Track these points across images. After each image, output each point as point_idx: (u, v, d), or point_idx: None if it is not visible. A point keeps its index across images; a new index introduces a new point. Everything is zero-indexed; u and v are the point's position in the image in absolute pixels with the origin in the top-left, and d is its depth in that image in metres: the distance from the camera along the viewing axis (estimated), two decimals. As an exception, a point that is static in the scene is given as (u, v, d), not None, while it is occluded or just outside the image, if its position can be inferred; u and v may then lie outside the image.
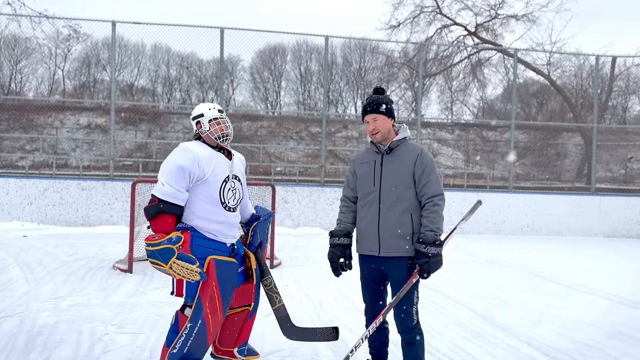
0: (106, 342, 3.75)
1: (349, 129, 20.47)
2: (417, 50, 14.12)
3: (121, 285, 5.45)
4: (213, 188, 2.84)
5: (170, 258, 2.57)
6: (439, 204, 2.84)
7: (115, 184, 9.95)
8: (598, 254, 8.95)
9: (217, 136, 2.90)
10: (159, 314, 4.47)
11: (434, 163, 2.94)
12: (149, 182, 6.80)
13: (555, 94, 20.29)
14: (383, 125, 2.95)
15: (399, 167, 2.91)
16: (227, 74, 23.33)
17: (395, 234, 2.86)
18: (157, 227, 2.72)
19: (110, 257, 6.93)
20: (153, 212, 2.73)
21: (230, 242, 2.94)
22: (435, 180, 2.88)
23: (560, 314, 4.93)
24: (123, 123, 18.63)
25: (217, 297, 2.76)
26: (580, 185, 17.18)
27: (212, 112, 2.91)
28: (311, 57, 24.83)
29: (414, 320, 2.87)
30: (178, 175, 2.73)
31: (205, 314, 2.74)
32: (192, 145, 2.86)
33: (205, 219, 2.83)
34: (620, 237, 11.25)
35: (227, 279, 2.82)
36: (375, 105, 2.95)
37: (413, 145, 3.00)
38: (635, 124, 20.26)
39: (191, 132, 18.44)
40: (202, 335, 2.76)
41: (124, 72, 24.84)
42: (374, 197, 2.93)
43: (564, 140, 19.86)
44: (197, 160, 2.78)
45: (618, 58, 17.05)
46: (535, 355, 3.80)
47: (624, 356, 3.83)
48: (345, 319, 4.57)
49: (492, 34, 18.76)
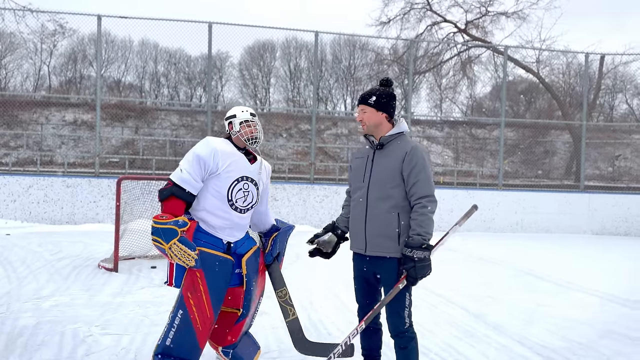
0: (89, 343, 3.64)
1: (339, 127, 20.39)
2: (408, 47, 14.07)
3: (106, 285, 5.32)
4: (223, 183, 2.86)
5: (173, 239, 2.63)
6: (427, 205, 2.69)
7: (101, 181, 9.78)
8: (587, 251, 8.97)
9: (247, 138, 2.93)
10: (145, 314, 4.36)
11: (425, 161, 2.76)
12: (135, 179, 6.67)
13: (544, 92, 20.37)
14: (369, 118, 2.84)
15: (387, 163, 2.79)
16: (216, 70, 23.16)
17: (380, 232, 2.76)
18: (166, 209, 2.78)
19: (95, 255, 6.79)
20: (166, 194, 2.81)
21: (227, 239, 2.91)
22: (425, 180, 2.72)
23: (551, 312, 4.89)
24: (110, 119, 18.36)
25: (204, 290, 2.74)
26: (568, 183, 17.27)
27: (244, 115, 2.97)
28: (300, 54, 24.70)
29: (406, 324, 2.76)
30: (195, 163, 2.81)
31: (188, 305, 2.74)
32: (215, 140, 2.91)
33: (210, 213, 2.87)
34: (609, 234, 11.30)
35: (215, 273, 2.79)
36: (366, 96, 2.86)
37: (406, 141, 2.84)
38: (622, 122, 20.40)
39: (179, 129, 18.07)
40: (186, 328, 2.72)
41: (111, 68, 24.54)
42: (362, 193, 2.85)
43: (553, 138, 19.95)
44: (214, 153, 2.83)
45: (606, 56, 17.13)
46: (528, 354, 3.75)
47: (617, 355, 3.79)
48: (335, 317, 4.49)
49: (482, 31, 18.78)
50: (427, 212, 2.67)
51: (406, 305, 2.75)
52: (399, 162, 2.74)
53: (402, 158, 2.74)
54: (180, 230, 2.65)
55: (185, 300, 2.75)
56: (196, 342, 2.74)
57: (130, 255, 6.56)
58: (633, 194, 11.90)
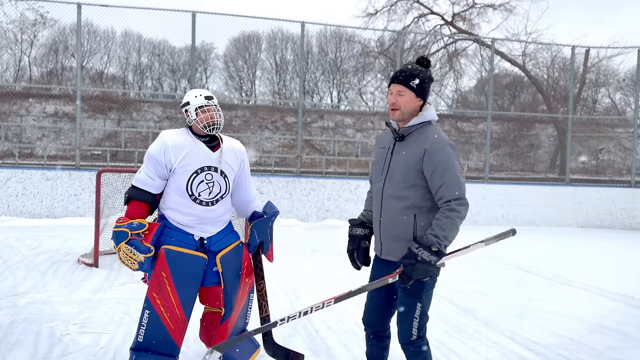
0: (66, 343, 3.48)
1: (325, 119, 20.22)
2: (395, 38, 13.96)
3: (86, 281, 5.15)
4: (180, 179, 2.74)
5: (121, 241, 2.58)
6: (457, 209, 2.30)
7: (82, 173, 9.53)
8: (574, 244, 8.98)
9: (204, 125, 2.74)
10: (125, 312, 4.21)
11: (451, 158, 2.34)
12: (115, 171, 6.48)
13: (528, 86, 20.41)
14: (407, 103, 2.42)
15: (404, 159, 2.42)
16: (200, 62, 22.82)
17: (394, 235, 2.46)
18: (127, 212, 2.74)
19: (75, 250, 6.59)
20: (126, 198, 2.78)
21: (199, 235, 2.79)
22: (453, 181, 2.32)
23: (541, 306, 4.84)
24: (92, 111, 18.00)
25: (172, 291, 2.66)
26: (552, 176, 17.37)
27: (198, 100, 2.78)
28: (286, 46, 24.45)
29: (413, 336, 2.45)
30: (148, 162, 2.75)
31: (155, 306, 2.67)
32: (168, 133, 2.79)
33: (175, 210, 2.77)
34: (594, 227, 11.35)
35: (184, 271, 2.69)
36: (406, 75, 2.41)
37: (428, 133, 2.41)
38: (604, 116, 20.55)
39: (163, 121, 17.77)
40: (156, 326, 2.67)
41: (93, 59, 24.10)
42: (379, 188, 2.53)
43: (537, 132, 20.04)
44: (164, 149, 2.72)
45: (590, 50, 17.19)
46: (519, 351, 3.69)
47: (609, 350, 3.74)
48: (322, 313, 4.37)
49: (468, 23, 18.73)
50: (454, 216, 2.30)
51: (415, 316, 2.44)
52: (417, 160, 2.37)
53: (420, 155, 2.37)
54: (133, 232, 2.59)
55: (152, 300, 2.69)
56: (170, 338, 2.70)
57: (112, 250, 6.35)
58: (617, 187, 11.97)
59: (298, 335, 3.79)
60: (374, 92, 21.50)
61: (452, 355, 3.57)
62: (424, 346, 2.50)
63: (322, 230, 9.24)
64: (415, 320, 2.45)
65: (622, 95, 22.97)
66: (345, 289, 5.20)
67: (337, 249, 7.26)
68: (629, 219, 11.35)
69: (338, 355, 3.51)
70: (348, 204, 10.33)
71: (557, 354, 3.65)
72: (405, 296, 2.47)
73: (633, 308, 4.91)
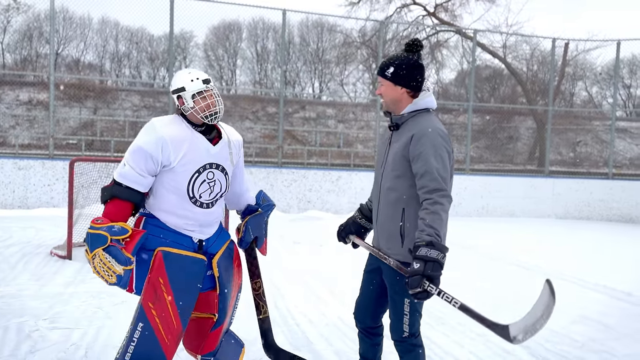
0: (35, 339, 3.33)
1: (307, 110, 20.08)
2: (378, 28, 13.85)
3: (58, 274, 4.97)
4: (180, 178, 2.33)
5: (98, 247, 2.13)
6: (440, 202, 2.17)
7: (55, 163, 9.26)
8: (553, 235, 9.04)
9: (204, 115, 2.34)
10: (98, 306, 4.07)
11: (437, 147, 2.23)
12: (90, 161, 6.27)
13: (507, 78, 20.54)
14: (387, 94, 2.38)
15: (396, 148, 2.35)
16: (180, 50, 22.45)
17: (386, 228, 2.39)
18: (106, 212, 2.29)
19: (48, 242, 6.38)
20: (106, 196, 2.31)
21: (198, 237, 2.42)
22: (433, 172, 2.19)
23: (521, 298, 4.79)
24: (67, 99, 17.56)
25: (169, 300, 2.28)
26: (531, 168, 17.54)
27: (196, 85, 2.33)
28: (267, 35, 24.19)
29: (405, 332, 2.38)
30: (138, 157, 2.28)
31: (150, 317, 2.27)
32: (160, 124, 2.32)
33: (170, 213, 2.36)
34: (572, 218, 11.47)
35: (184, 277, 2.32)
36: (382, 66, 2.41)
37: (419, 121, 2.33)
38: (583, 108, 20.79)
39: (140, 110, 17.40)
40: (149, 341, 2.27)
41: (69, 47, 23.52)
42: (378, 180, 2.47)
43: (516, 124, 20.21)
44: (162, 144, 2.27)
45: (570, 43, 17.32)
46: (502, 343, 3.64)
47: (590, 342, 3.74)
48: (304, 307, 4.30)
49: (450, 14, 18.70)
50: (439, 209, 2.16)
51: (405, 313, 2.36)
52: (404, 146, 2.29)
53: (407, 141, 2.28)
54: (113, 237, 2.15)
55: (147, 311, 2.28)
56: (162, 355, 2.32)
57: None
58: (596, 179, 12.10)
59: (278, 328, 3.69)
60: (356, 83, 21.40)
61: (436, 348, 3.51)
62: (417, 343, 2.42)
63: (304, 222, 9.14)
64: (406, 316, 2.37)
65: (599, 89, 23.32)
66: (329, 282, 5.13)
67: (319, 241, 7.18)
68: (607, 210, 11.50)
69: (319, 349, 3.43)
70: (330, 195, 10.24)
71: (540, 345, 3.63)
72: (394, 293, 2.40)
73: (614, 299, 4.92)
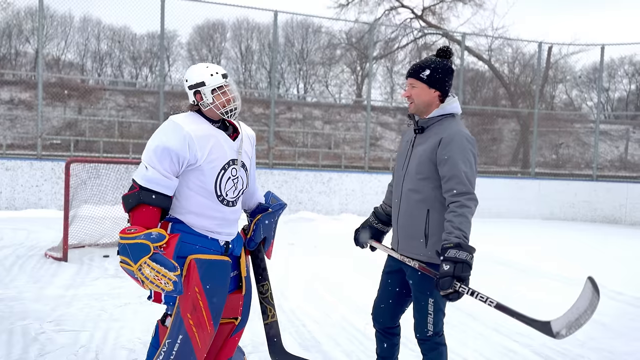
0: (43, 342, 3.30)
1: (293, 111, 20.09)
2: (367, 30, 13.94)
3: (56, 276, 4.91)
4: (208, 178, 2.27)
5: (143, 256, 2.03)
6: (467, 204, 2.22)
7: (44, 163, 9.13)
8: (542, 235, 9.21)
9: (224, 111, 2.29)
10: (102, 308, 4.04)
11: (465, 151, 2.28)
12: (85, 162, 6.21)
13: (489, 80, 20.81)
14: (419, 96, 2.40)
15: (422, 151, 2.38)
16: (163, 49, 22.25)
17: (409, 230, 2.42)
18: (135, 220, 2.18)
19: (40, 244, 6.30)
20: (132, 203, 2.18)
21: (225, 239, 2.37)
22: (461, 175, 2.24)
23: (520, 298, 4.91)
24: (50, 99, 17.26)
25: (204, 306, 2.23)
26: (515, 169, 17.80)
27: (215, 79, 2.28)
28: (252, 35, 24.14)
29: (429, 332, 2.42)
30: (163, 157, 2.19)
31: (188, 327, 2.21)
32: (184, 121, 2.25)
33: (198, 215, 2.29)
34: (557, 219, 11.69)
35: (216, 281, 2.28)
36: (416, 68, 2.41)
37: (447, 126, 2.37)
38: (567, 111, 21.18)
39: (125, 110, 17.17)
40: (186, 353, 2.23)
41: (49, 45, 23.11)
42: (399, 182, 2.49)
43: (500, 126, 20.49)
44: (189, 142, 2.20)
45: (554, 46, 17.64)
46: (505, 342, 3.74)
47: (590, 340, 3.84)
48: (307, 307, 4.32)
49: (438, 17, 18.90)
50: (467, 212, 2.21)
51: (429, 312, 2.40)
52: (432, 150, 2.33)
53: (436, 145, 2.32)
54: (154, 245, 2.06)
55: (185, 322, 2.21)
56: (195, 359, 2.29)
57: (80, 243, 6.12)
58: (580, 181, 12.36)
59: (286, 330, 3.71)
60: (342, 85, 21.47)
61: (442, 348, 3.56)
62: (440, 342, 2.47)
63: (296, 223, 9.16)
64: (430, 315, 2.41)
65: (579, 92, 23.81)
66: (328, 283, 5.16)
67: (313, 241, 7.21)
68: (591, 211, 11.75)
69: (328, 349, 3.46)
70: (321, 196, 10.28)
71: (542, 344, 3.71)
72: (418, 292, 2.44)
73: (607, 299, 5.01)
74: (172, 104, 17.75)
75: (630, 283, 5.56)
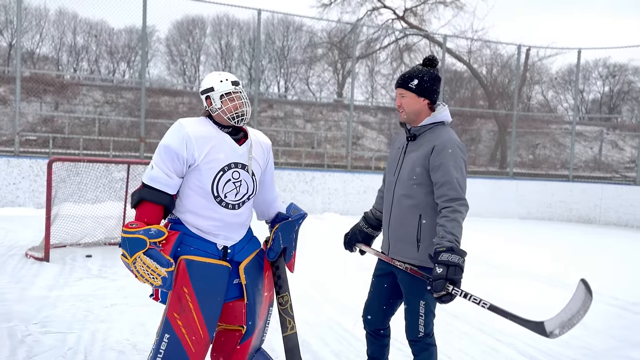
0: (30, 344, 3.27)
1: (274, 109, 20.05)
2: (350, 30, 14.00)
3: (38, 277, 4.84)
4: (205, 177, 2.32)
5: (138, 251, 2.12)
6: (459, 210, 2.29)
7: (21, 161, 8.96)
8: (521, 235, 9.40)
9: (231, 116, 2.35)
10: (88, 309, 4.00)
11: (457, 159, 2.35)
12: (68, 160, 6.13)
13: (467, 81, 21.09)
14: (409, 105, 2.47)
15: (415, 157, 2.45)
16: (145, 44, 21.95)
17: (401, 234, 2.48)
18: (138, 216, 2.29)
19: (20, 243, 6.19)
20: (135, 199, 2.29)
21: (223, 243, 2.39)
22: (454, 181, 2.32)
23: (503, 297, 5.00)
24: (25, 94, 16.91)
25: (195, 309, 2.26)
26: (493, 170, 18.09)
27: (224, 86, 2.36)
28: (232, 32, 23.98)
29: (420, 333, 2.49)
30: (165, 156, 2.29)
31: (177, 328, 2.25)
32: (187, 122, 2.35)
33: (196, 215, 2.35)
34: (534, 219, 11.94)
35: (209, 285, 2.29)
36: (405, 78, 2.48)
37: (439, 133, 2.45)
38: (545, 113, 21.60)
39: (103, 106, 16.90)
40: (176, 352, 2.25)
41: (23, 38, 22.61)
42: (390, 188, 2.56)
43: (478, 126, 20.78)
44: (187, 141, 2.29)
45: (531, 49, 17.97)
46: (489, 342, 3.83)
47: (572, 339, 3.94)
48: (295, 308, 4.34)
49: (419, 19, 19.07)
50: (458, 217, 2.28)
51: (420, 314, 2.47)
52: (425, 156, 2.40)
53: (429, 152, 2.39)
54: (151, 240, 2.15)
55: (172, 321, 2.26)
56: None
57: (62, 243, 6.04)
58: (556, 181, 12.63)
59: (275, 331, 3.73)
60: (325, 84, 21.50)
61: (429, 348, 3.63)
62: (431, 343, 2.53)
63: (278, 222, 9.16)
64: (421, 317, 2.47)
65: (554, 93, 24.32)
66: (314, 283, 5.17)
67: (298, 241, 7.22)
68: (567, 211, 12.02)
69: (317, 350, 3.50)
70: (304, 196, 10.31)
71: (525, 344, 3.82)
72: (410, 295, 2.50)
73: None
74: (150, 100, 17.54)
75: (606, 282, 5.72)
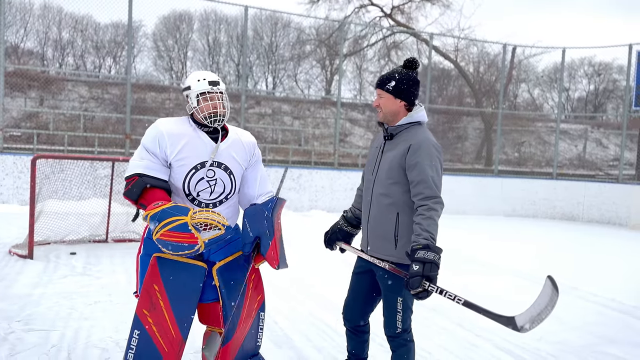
0: (13, 342, 3.27)
1: (262, 106, 20.03)
2: (337, 27, 14.03)
3: (21, 274, 4.84)
4: (177, 175, 2.34)
5: (189, 210, 2.14)
6: (435, 208, 2.35)
7: (5, 157, 8.89)
8: (506, 232, 9.53)
9: (205, 116, 2.34)
10: (72, 307, 4.01)
11: (432, 157, 2.42)
12: (52, 157, 6.10)
13: (454, 79, 21.25)
14: (386, 105, 2.53)
15: (391, 157, 2.50)
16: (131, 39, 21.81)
17: (380, 232, 2.54)
18: (151, 199, 2.25)
19: (3, 240, 6.16)
20: (137, 191, 2.27)
21: None
22: (432, 179, 2.37)
23: (482, 293, 5.09)
24: (9, 89, 16.73)
25: (165, 307, 2.27)
26: (479, 167, 18.27)
27: (200, 85, 2.36)
28: (220, 27, 23.88)
29: (398, 329, 2.54)
30: (144, 153, 2.36)
31: (147, 325, 2.27)
32: (163, 122, 2.38)
33: None
34: (518, 216, 12.10)
35: (179, 283, 2.29)
36: (383, 79, 2.55)
37: (415, 133, 2.50)
38: (529, 111, 21.80)
39: (88, 102, 16.74)
40: (147, 347, 2.26)
41: (7, 32, 22.35)
42: (369, 186, 2.61)
43: (465, 124, 20.95)
44: (159, 138, 2.32)
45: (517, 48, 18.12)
46: (469, 337, 3.91)
47: (547, 334, 4.05)
48: (277, 303, 4.39)
49: (407, 17, 19.15)
50: (434, 215, 2.34)
51: (398, 310, 2.53)
52: (401, 156, 2.45)
53: (404, 151, 2.44)
54: None
55: (142, 318, 2.27)
56: None
57: (46, 240, 6.02)
58: (540, 179, 12.80)
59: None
60: (314, 80, 21.51)
61: (409, 343, 3.70)
62: (409, 338, 2.59)
63: (264, 219, 9.19)
64: (399, 313, 2.53)
65: (540, 91, 24.56)
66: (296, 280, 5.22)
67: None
68: (550, 208, 12.20)
69: (300, 346, 3.55)
70: (290, 193, 10.35)
71: (503, 339, 3.90)
72: (388, 292, 2.56)
73: (561, 294, 5.29)
74: (136, 96, 17.45)
75: (586, 279, 5.84)
